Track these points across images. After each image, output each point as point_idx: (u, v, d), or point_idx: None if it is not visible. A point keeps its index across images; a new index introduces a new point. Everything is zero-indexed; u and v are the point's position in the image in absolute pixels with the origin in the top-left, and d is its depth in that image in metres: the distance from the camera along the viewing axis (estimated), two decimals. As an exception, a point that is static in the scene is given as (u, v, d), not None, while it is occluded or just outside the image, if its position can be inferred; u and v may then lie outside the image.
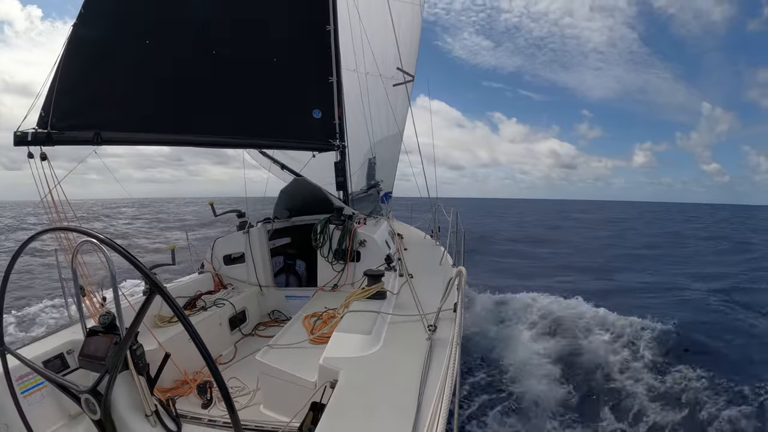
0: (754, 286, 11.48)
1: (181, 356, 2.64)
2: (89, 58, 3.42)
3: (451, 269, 4.17)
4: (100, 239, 1.37)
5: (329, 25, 4.36)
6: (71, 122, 3.30)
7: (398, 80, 8.52)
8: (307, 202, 5.08)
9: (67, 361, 2.56)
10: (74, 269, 1.72)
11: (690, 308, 8.96)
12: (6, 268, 1.70)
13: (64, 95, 3.26)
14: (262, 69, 4.13)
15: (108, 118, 3.49)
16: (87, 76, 3.40)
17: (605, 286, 10.97)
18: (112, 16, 3.56)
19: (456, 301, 2.52)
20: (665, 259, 17.10)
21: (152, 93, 3.75)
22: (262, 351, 2.72)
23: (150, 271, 1.35)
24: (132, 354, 1.49)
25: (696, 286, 11.15)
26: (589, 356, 6.25)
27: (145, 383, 1.52)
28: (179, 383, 2.99)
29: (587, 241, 23.41)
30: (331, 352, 2.22)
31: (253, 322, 4.26)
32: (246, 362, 3.42)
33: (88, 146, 3.41)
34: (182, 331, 1.33)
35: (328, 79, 4.39)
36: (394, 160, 9.44)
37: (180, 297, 3.72)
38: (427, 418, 1.57)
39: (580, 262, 15.60)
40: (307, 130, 4.37)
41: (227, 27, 4.03)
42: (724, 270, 14.16)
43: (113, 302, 1.60)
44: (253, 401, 2.82)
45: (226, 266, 4.51)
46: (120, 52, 3.59)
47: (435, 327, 2.42)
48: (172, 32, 3.79)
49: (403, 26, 8.36)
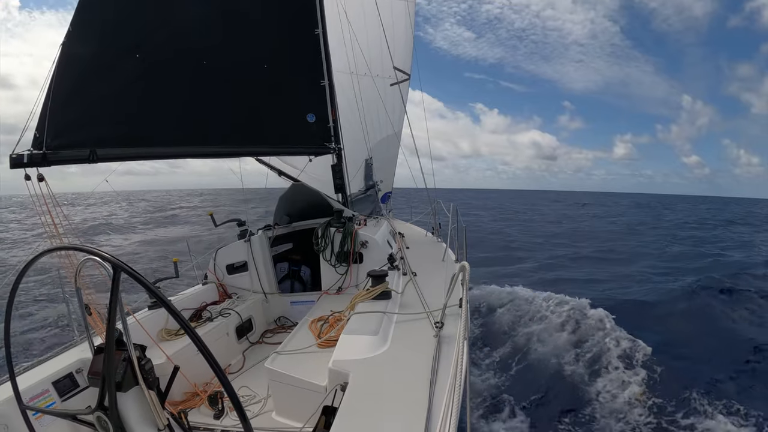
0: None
1: (190, 368, 2.64)
2: (80, 76, 3.41)
3: (454, 265, 4.17)
4: (102, 257, 1.36)
5: (318, 28, 4.36)
6: (66, 141, 3.30)
7: (394, 80, 8.51)
8: (307, 206, 5.08)
9: (77, 380, 2.56)
10: (78, 288, 1.71)
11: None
12: (9, 293, 1.70)
13: (58, 114, 3.25)
14: (253, 76, 4.13)
15: (103, 135, 3.49)
16: (79, 94, 3.40)
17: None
18: (101, 33, 3.55)
19: (461, 297, 2.52)
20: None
21: (145, 107, 3.74)
22: (271, 358, 2.72)
23: (154, 286, 1.35)
24: (141, 369, 1.49)
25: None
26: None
27: (155, 397, 1.52)
28: (190, 395, 2.99)
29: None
30: (339, 355, 2.22)
31: (260, 330, 4.25)
32: (255, 370, 3.42)
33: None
34: (190, 343, 1.33)
35: (320, 82, 4.38)
36: (392, 160, 9.42)
37: (185, 309, 3.72)
38: (439, 417, 1.56)
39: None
40: (302, 134, 4.36)
41: (216, 36, 4.03)
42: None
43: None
44: (265, 409, 2.82)
45: (229, 275, 4.51)
46: (110, 68, 3.57)
47: (442, 324, 2.42)
48: (161, 45, 3.78)
49: (396, 24, 8.34)
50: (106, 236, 20.12)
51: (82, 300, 1.73)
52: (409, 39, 9.10)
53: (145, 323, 2.97)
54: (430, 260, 4.56)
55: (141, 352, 1.54)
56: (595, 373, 5.77)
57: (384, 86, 8.26)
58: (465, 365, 1.72)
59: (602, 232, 24.63)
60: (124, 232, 22.57)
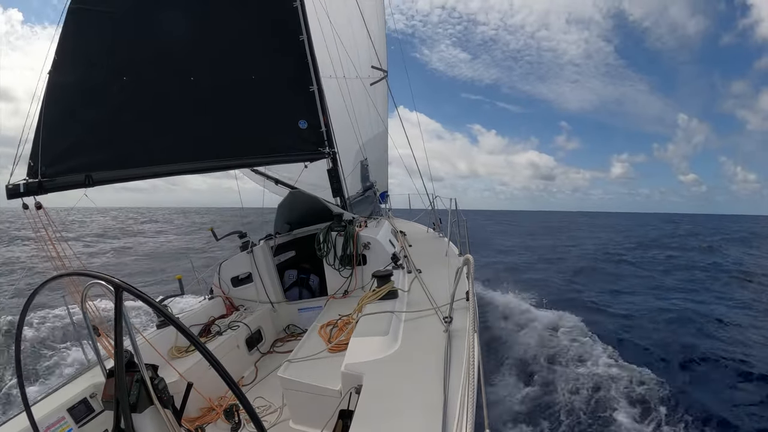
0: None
1: (204, 383, 2.64)
2: (70, 102, 3.42)
3: (458, 259, 4.17)
4: (107, 280, 1.37)
5: (302, 34, 4.36)
6: (61, 168, 3.31)
7: (374, 78, 8.58)
8: (306, 213, 5.08)
9: (92, 405, 2.56)
10: (85, 313, 1.72)
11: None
12: (18, 322, 1.70)
13: (50, 142, 3.26)
14: (242, 88, 4.13)
15: (96, 159, 3.49)
16: (70, 120, 3.40)
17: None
18: (86, 59, 3.55)
19: (467, 290, 2.52)
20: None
21: (136, 128, 3.75)
22: (283, 367, 2.72)
23: (161, 306, 1.35)
24: (155, 389, 1.49)
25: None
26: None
27: (171, 416, 1.52)
28: (206, 411, 2.99)
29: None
30: (351, 358, 2.22)
31: (270, 340, 4.26)
32: (268, 380, 3.42)
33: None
34: (201, 359, 1.33)
35: (308, 88, 4.38)
36: (384, 159, 9.46)
37: (193, 325, 3.72)
38: (455, 414, 1.56)
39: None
40: (295, 141, 4.37)
41: (201, 52, 4.03)
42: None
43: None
44: (282, 418, 2.82)
45: (235, 288, 4.51)
46: (99, 92, 3.58)
47: (450, 318, 2.42)
48: (147, 65, 3.79)
49: (370, 23, 8.43)
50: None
51: (90, 323, 1.73)
52: (381, 36, 9.27)
53: (155, 342, 2.97)
54: (433, 256, 4.57)
55: (153, 371, 1.55)
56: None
57: (366, 86, 8.33)
58: (477, 358, 1.72)
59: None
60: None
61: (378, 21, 9.05)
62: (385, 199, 9.11)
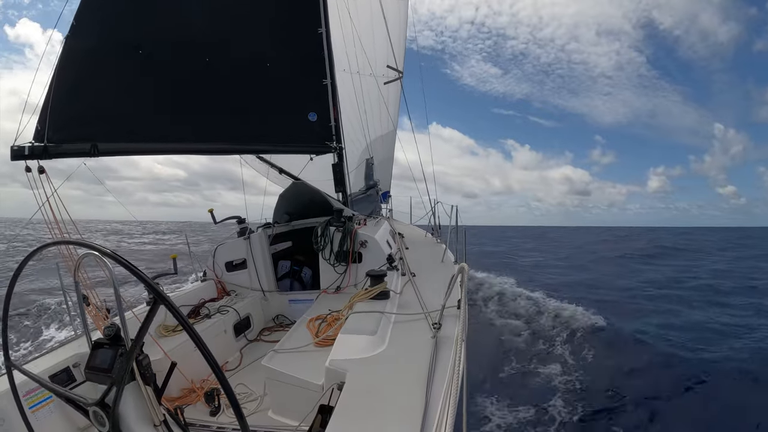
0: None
1: (188, 365, 2.64)
2: (83, 70, 3.41)
3: (453, 266, 4.17)
4: (101, 251, 1.36)
5: (321, 28, 4.35)
6: (67, 134, 3.30)
7: (388, 78, 8.58)
8: (307, 205, 5.07)
9: (74, 375, 2.56)
10: (77, 282, 1.71)
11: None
12: (9, 284, 1.70)
13: (60, 107, 3.25)
14: (255, 74, 4.13)
15: (104, 129, 3.49)
16: (81, 88, 3.40)
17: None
18: (104, 28, 3.55)
19: (459, 298, 2.51)
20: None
21: (147, 102, 3.74)
22: (268, 356, 2.72)
23: (153, 282, 1.35)
24: (138, 364, 1.49)
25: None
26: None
27: (152, 393, 1.51)
28: (187, 392, 2.99)
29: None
30: (337, 355, 2.21)
31: (258, 328, 4.25)
32: (252, 368, 3.42)
33: (90, 159, 3.40)
34: (187, 339, 1.33)
35: (322, 81, 4.38)
36: (390, 159, 9.46)
37: (184, 305, 3.72)
38: (435, 418, 1.56)
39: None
40: (303, 133, 4.36)
41: (219, 34, 4.03)
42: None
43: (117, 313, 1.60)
44: (261, 407, 2.81)
45: (228, 273, 4.51)
46: (113, 63, 3.58)
47: (439, 325, 2.42)
48: (164, 41, 3.78)
49: (389, 23, 8.45)
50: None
51: (81, 294, 1.73)
52: (401, 38, 9.27)
53: (143, 318, 2.96)
54: (429, 261, 4.56)
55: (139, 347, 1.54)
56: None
57: (379, 85, 8.33)
58: (462, 367, 1.72)
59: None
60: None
61: (400, 22, 9.06)
62: (387, 198, 9.11)
